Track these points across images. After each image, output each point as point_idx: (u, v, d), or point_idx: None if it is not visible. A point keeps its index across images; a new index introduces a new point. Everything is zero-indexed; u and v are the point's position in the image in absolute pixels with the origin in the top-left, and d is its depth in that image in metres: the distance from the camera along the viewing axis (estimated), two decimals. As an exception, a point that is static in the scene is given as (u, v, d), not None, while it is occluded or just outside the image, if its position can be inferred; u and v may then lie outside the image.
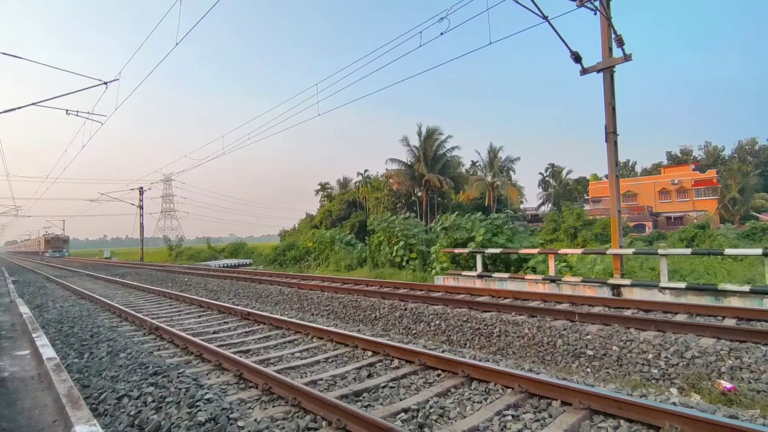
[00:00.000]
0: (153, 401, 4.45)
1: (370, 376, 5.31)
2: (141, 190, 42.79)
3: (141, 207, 43.05)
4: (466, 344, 7.38)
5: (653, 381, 5.34)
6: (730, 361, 5.18)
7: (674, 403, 4.16)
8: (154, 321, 8.59)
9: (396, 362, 5.74)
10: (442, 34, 10.14)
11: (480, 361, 5.61)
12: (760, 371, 4.92)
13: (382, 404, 4.41)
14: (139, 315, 9.43)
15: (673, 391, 5.03)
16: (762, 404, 4.45)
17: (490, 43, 10.10)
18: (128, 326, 8.96)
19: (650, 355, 5.71)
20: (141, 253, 44.55)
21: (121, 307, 10.74)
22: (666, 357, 5.59)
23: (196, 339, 6.93)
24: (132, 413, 4.18)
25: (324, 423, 3.91)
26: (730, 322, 6.47)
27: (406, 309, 9.13)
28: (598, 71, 10.53)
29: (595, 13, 10.26)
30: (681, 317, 6.93)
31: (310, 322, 8.46)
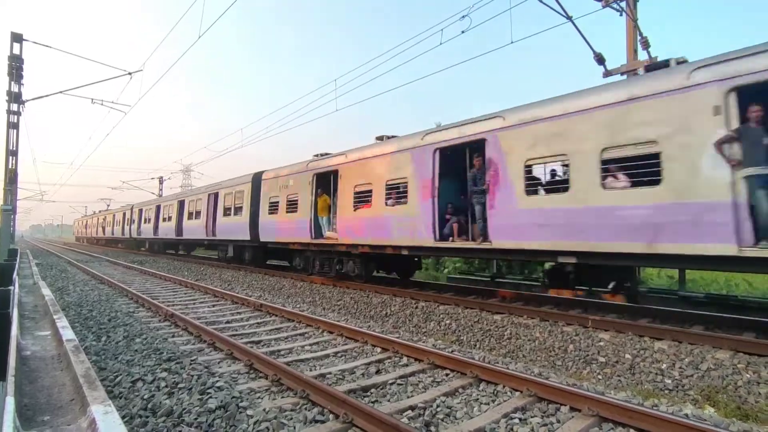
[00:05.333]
0: (166, 386, 4.57)
1: (378, 372, 5.34)
2: (161, 180, 43.59)
3: (161, 196, 43.84)
4: (476, 345, 7.35)
5: (666, 391, 5.25)
6: (748, 375, 5.06)
7: (687, 415, 4.09)
8: (169, 308, 8.77)
9: (405, 360, 5.77)
10: (463, 32, 10.08)
11: (489, 362, 5.59)
12: (778, 387, 4.79)
13: (389, 401, 4.44)
14: (155, 302, 9.64)
15: (687, 402, 4.93)
16: (779, 421, 4.33)
17: (512, 42, 9.98)
18: (144, 312, 9.17)
19: (664, 365, 5.61)
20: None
21: (138, 293, 11.00)
22: (681, 368, 5.49)
23: (209, 328, 7.06)
24: (145, 397, 4.30)
25: (331, 416, 3.96)
26: (749, 336, 6.30)
27: (417, 307, 9.14)
28: (622, 74, 10.33)
29: (621, 14, 10.05)
30: (697, 328, 6.77)
31: (321, 316, 8.54)
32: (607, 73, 10.55)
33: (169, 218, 25.56)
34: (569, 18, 9.53)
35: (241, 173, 18.44)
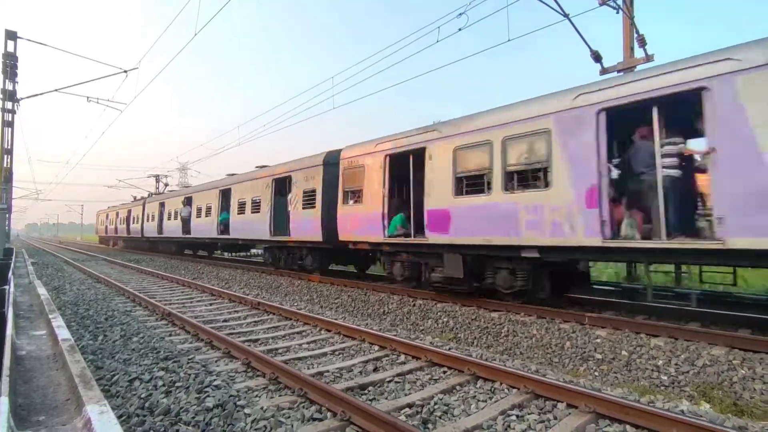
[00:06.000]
0: (163, 385, 4.56)
1: (376, 370, 5.34)
2: (157, 178, 43.48)
3: (158, 194, 43.73)
4: (473, 342, 7.37)
5: (662, 388, 5.27)
6: (743, 371, 5.09)
7: (682, 411, 4.11)
8: (166, 307, 8.76)
9: (402, 358, 5.77)
10: (460, 29, 10.05)
11: (487, 360, 5.60)
12: (773, 383, 4.82)
13: (386, 398, 4.44)
14: (152, 300, 9.61)
15: (683, 399, 4.95)
16: (774, 416, 4.36)
17: (509, 40, 9.97)
18: (141, 311, 9.15)
19: (660, 362, 5.64)
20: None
21: (135, 292, 10.97)
22: (676, 364, 5.51)
23: (206, 326, 7.05)
24: (143, 396, 4.29)
25: (329, 414, 3.96)
26: (744, 332, 6.34)
27: (414, 305, 9.14)
28: (619, 71, 10.33)
29: (618, 12, 10.05)
30: (693, 324, 6.80)
31: (318, 314, 8.53)
32: (604, 71, 10.55)
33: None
34: (566, 16, 9.51)
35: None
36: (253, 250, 24.09)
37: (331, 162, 12.58)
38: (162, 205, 26.70)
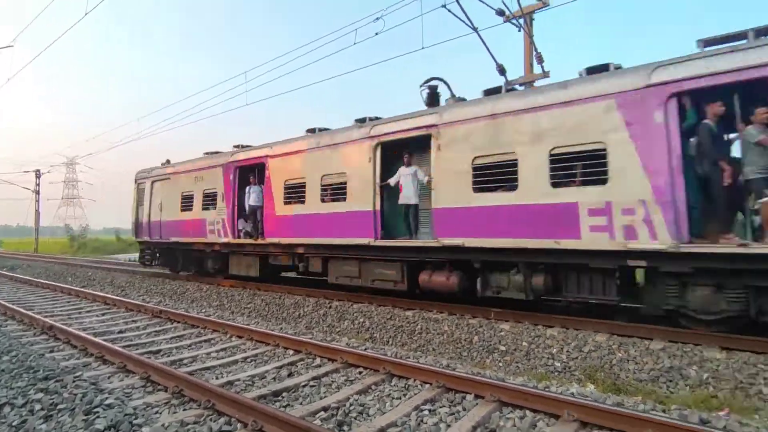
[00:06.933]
0: (42, 409, 3.99)
1: (290, 375, 5.20)
2: (38, 174, 38.20)
3: (37, 192, 38.41)
4: (388, 342, 7.50)
5: (556, 373, 5.81)
6: (620, 354, 5.79)
7: (572, 393, 4.56)
8: (47, 319, 7.70)
9: (318, 361, 5.69)
10: (377, 34, 10.23)
11: (401, 358, 5.73)
12: (642, 363, 5.56)
13: (301, 404, 4.34)
14: (29, 313, 8.38)
15: (573, 382, 5.51)
16: (643, 392, 5.03)
17: (423, 47, 10.37)
18: (15, 325, 7.94)
19: (554, 350, 6.21)
20: (35, 243, 39.62)
21: (7, 303, 9.48)
22: (567, 351, 6.12)
23: (97, 339, 6.34)
24: (15, 423, 3.72)
25: (239, 425, 3.76)
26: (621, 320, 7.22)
27: (330, 307, 9.07)
28: (520, 85, 11.23)
29: (519, 30, 10.92)
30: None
31: (228, 320, 8.10)
32: (508, 84, 11.38)
33: None
34: (475, 29, 10.11)
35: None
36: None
37: None
38: None
